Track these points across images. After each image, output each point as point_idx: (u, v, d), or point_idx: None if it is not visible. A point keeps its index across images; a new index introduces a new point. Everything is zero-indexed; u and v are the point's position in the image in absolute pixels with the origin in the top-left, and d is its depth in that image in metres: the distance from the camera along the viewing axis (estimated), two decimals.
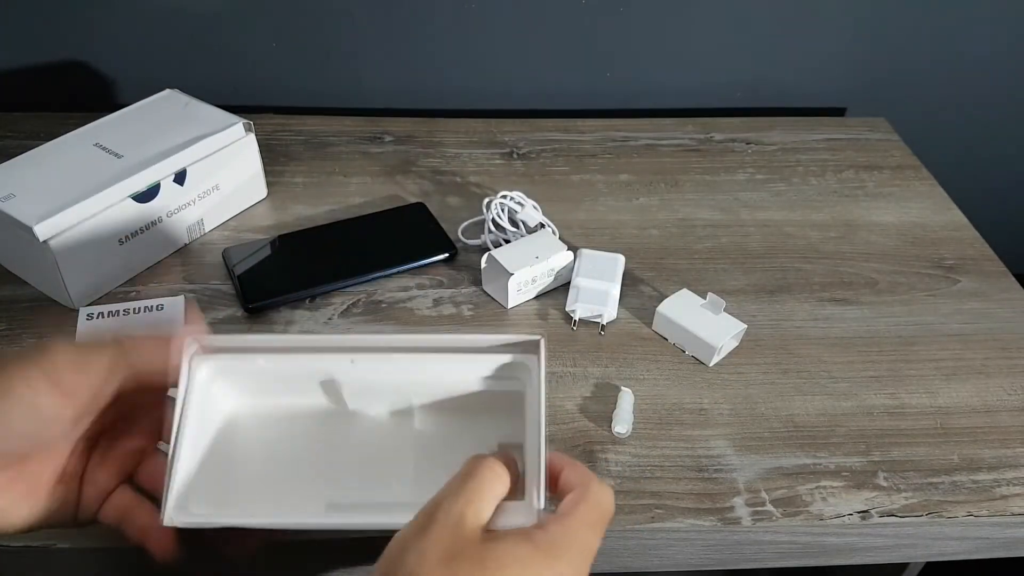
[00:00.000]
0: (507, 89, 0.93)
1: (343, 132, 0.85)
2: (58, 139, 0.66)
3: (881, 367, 0.62)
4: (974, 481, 0.54)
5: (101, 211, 0.61)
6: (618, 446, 0.55)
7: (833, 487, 0.53)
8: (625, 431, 0.55)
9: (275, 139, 0.83)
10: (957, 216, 0.78)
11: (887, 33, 0.92)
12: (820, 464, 0.55)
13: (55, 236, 0.58)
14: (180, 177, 0.66)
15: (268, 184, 0.75)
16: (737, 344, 0.63)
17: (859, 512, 0.52)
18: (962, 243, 0.75)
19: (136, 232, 0.64)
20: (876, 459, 0.55)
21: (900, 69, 0.95)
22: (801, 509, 0.52)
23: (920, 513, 0.52)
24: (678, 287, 0.65)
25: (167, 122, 0.69)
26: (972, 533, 0.53)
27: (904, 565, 0.68)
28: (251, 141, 0.71)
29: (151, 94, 0.73)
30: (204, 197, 0.69)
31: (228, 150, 0.69)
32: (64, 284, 0.60)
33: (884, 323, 0.66)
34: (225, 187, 0.70)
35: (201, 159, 0.67)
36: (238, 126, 0.69)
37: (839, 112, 0.98)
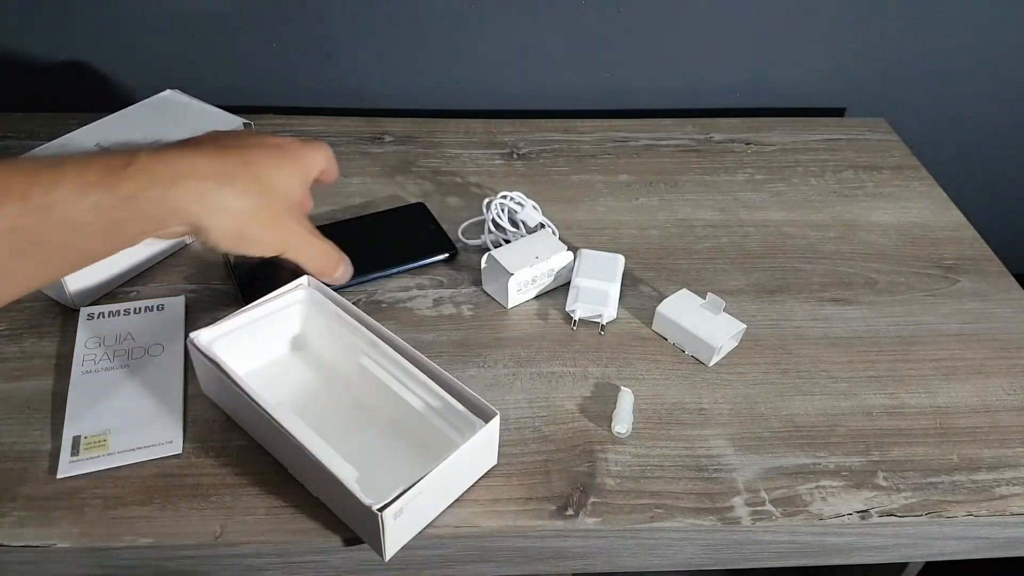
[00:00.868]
0: (507, 89, 0.93)
1: (343, 132, 0.85)
2: (58, 139, 0.66)
3: (881, 367, 0.62)
4: (973, 481, 0.54)
5: None
6: (618, 446, 0.55)
7: (833, 487, 0.53)
8: (625, 431, 0.55)
9: None
10: (956, 216, 0.78)
11: (887, 33, 0.92)
12: (820, 464, 0.55)
13: None
14: None
15: None
16: (737, 344, 0.63)
17: (859, 512, 0.52)
18: (961, 243, 0.75)
19: None
20: (876, 459, 0.55)
21: (900, 69, 0.95)
22: (801, 509, 0.52)
23: (920, 513, 0.52)
24: (678, 287, 0.65)
25: (167, 122, 0.69)
26: (972, 533, 0.53)
27: (904, 565, 0.69)
28: None
29: (151, 94, 0.73)
30: None
31: None
32: (64, 284, 0.60)
33: (884, 323, 0.66)
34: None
35: None
36: (238, 126, 0.69)
37: (839, 112, 0.98)
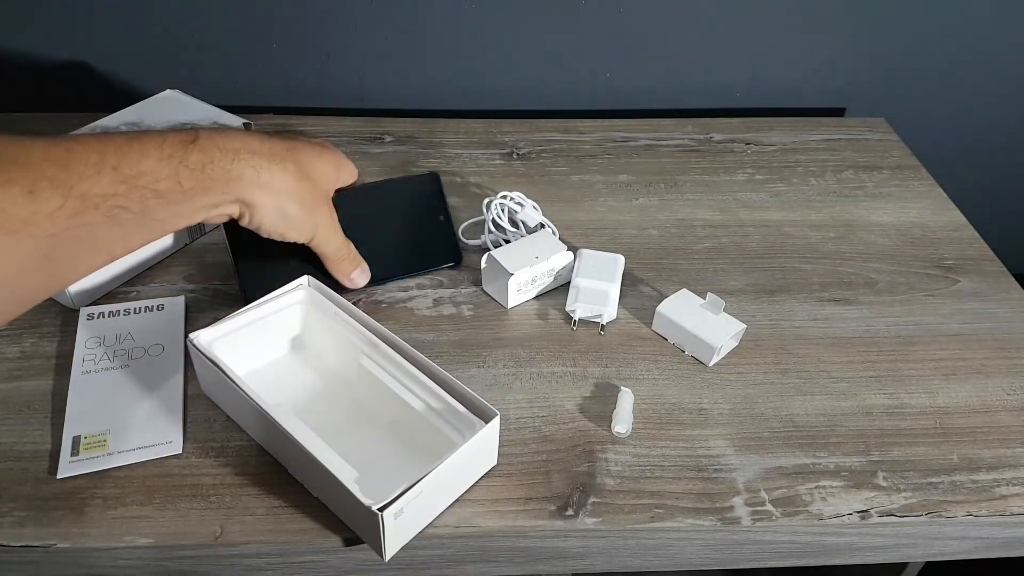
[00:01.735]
0: (507, 89, 0.93)
1: (343, 132, 0.85)
2: None
3: (880, 367, 0.62)
4: (973, 481, 0.54)
5: None
6: (618, 446, 0.55)
7: (833, 487, 0.53)
8: (625, 431, 0.55)
9: None
10: (956, 216, 0.78)
11: (887, 33, 0.92)
12: (820, 464, 0.55)
13: None
14: None
15: None
16: (736, 344, 0.63)
17: (858, 512, 0.52)
18: (961, 243, 0.75)
19: None
20: (875, 459, 0.55)
21: (900, 69, 0.95)
22: (801, 509, 0.52)
23: (919, 513, 0.52)
24: (678, 287, 0.65)
25: (167, 122, 0.69)
26: (971, 533, 0.53)
27: (904, 565, 0.69)
28: None
29: (151, 94, 0.73)
30: None
31: None
32: None
33: (883, 323, 0.66)
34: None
35: None
36: (238, 126, 0.69)
37: (839, 112, 0.98)
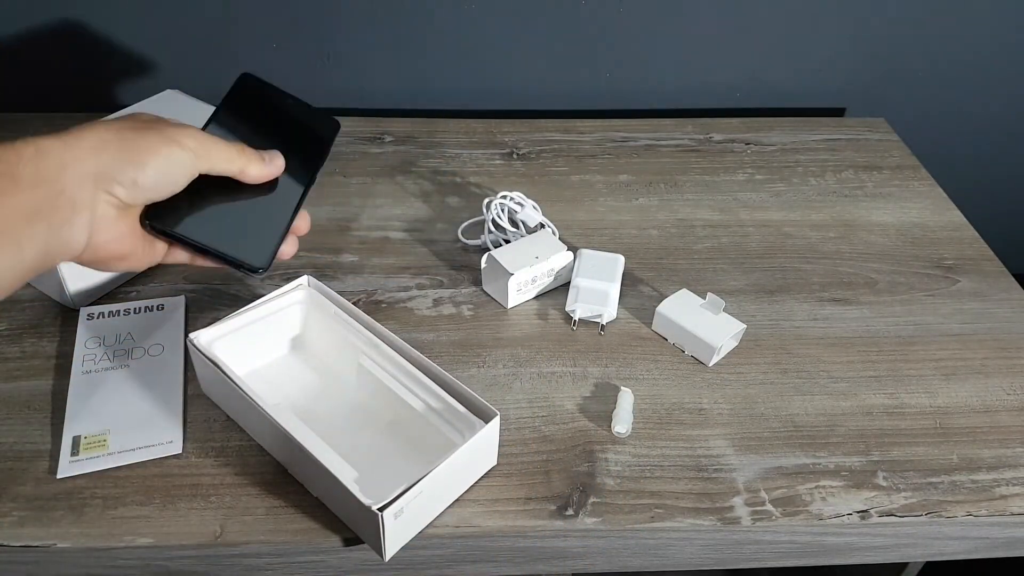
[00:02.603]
0: (507, 89, 0.93)
1: (343, 132, 0.84)
2: None
3: (880, 367, 0.62)
4: (973, 481, 0.54)
5: None
6: (618, 446, 0.55)
7: (832, 487, 0.53)
8: (625, 431, 0.55)
9: None
10: (956, 216, 0.78)
11: (887, 33, 0.92)
12: (819, 464, 0.55)
13: None
14: None
15: None
16: (736, 344, 0.63)
17: (858, 512, 0.52)
18: (961, 243, 0.75)
19: None
20: (875, 459, 0.55)
21: (900, 69, 0.95)
22: (800, 509, 0.52)
23: (919, 513, 0.52)
24: (678, 287, 0.65)
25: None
26: (971, 533, 0.53)
27: (903, 565, 0.69)
28: None
29: (151, 94, 0.73)
30: None
31: None
32: (64, 284, 0.60)
33: (883, 323, 0.66)
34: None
35: None
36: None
37: (839, 112, 0.98)
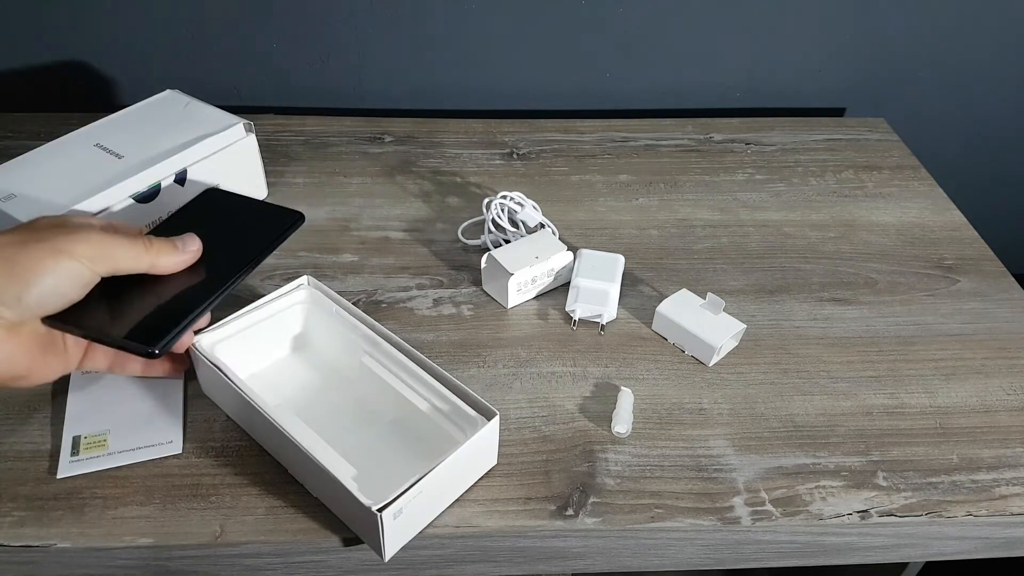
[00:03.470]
0: (507, 89, 0.93)
1: (343, 132, 0.85)
2: (59, 139, 0.66)
3: (880, 367, 0.62)
4: (973, 481, 0.54)
5: (102, 212, 0.61)
6: (618, 446, 0.55)
7: (832, 487, 0.53)
8: (625, 431, 0.55)
9: (275, 139, 0.83)
10: (956, 216, 0.78)
11: (887, 33, 0.92)
12: (819, 464, 0.55)
13: None
14: (181, 178, 0.66)
15: (268, 184, 0.76)
16: (736, 344, 0.63)
17: (858, 512, 0.52)
18: (961, 243, 0.75)
19: None
20: (875, 459, 0.55)
21: (900, 69, 0.95)
22: (800, 509, 0.52)
23: (919, 513, 0.52)
24: (678, 287, 0.65)
25: (168, 123, 0.69)
26: (971, 533, 0.53)
27: (904, 565, 0.69)
28: (251, 141, 0.71)
29: (151, 94, 0.73)
30: None
31: (228, 151, 0.69)
32: None
33: (883, 323, 0.66)
34: (225, 187, 0.70)
35: (202, 159, 0.67)
36: (238, 126, 0.69)
37: (838, 112, 0.98)
